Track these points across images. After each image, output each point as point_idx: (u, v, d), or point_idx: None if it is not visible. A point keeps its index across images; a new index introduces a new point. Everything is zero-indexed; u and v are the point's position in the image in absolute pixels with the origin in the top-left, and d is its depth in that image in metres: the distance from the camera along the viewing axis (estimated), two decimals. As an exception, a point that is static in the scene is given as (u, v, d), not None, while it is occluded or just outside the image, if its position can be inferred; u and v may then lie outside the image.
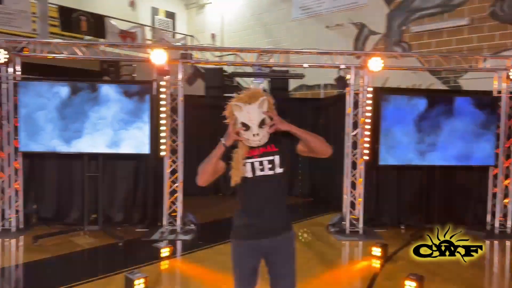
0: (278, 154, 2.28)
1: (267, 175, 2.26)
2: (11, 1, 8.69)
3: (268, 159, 2.27)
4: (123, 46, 7.52)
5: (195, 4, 14.96)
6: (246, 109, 2.14)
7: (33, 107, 5.28)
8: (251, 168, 2.27)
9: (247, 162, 2.27)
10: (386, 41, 10.19)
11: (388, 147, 5.80)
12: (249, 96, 2.19)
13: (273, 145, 2.29)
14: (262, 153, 2.27)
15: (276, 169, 2.27)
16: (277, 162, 2.27)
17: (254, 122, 2.13)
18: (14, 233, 5.48)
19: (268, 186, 2.28)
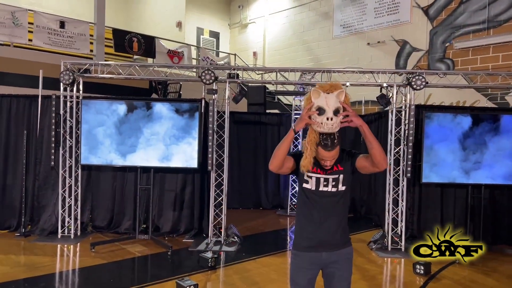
0: (343, 173, 2.36)
1: (330, 191, 2.34)
2: (71, 26, 9.51)
3: (333, 177, 2.35)
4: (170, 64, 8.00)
5: (238, 23, 15.52)
6: (325, 96, 2.19)
7: (93, 123, 5.77)
8: (316, 182, 2.35)
9: (313, 176, 2.35)
10: (429, 57, 10.12)
11: (432, 165, 5.78)
12: (330, 85, 2.23)
13: (339, 165, 2.37)
14: (328, 173, 2.36)
15: (339, 186, 2.35)
16: (340, 180, 2.35)
17: (330, 108, 2.17)
18: (72, 240, 5.94)
19: (329, 201, 2.35)
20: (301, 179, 2.40)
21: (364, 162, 2.32)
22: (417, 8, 10.37)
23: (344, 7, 12.05)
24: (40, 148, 6.24)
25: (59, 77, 5.78)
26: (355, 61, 11.24)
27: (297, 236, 2.44)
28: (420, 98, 9.42)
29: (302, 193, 2.42)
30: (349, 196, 2.45)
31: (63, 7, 12.76)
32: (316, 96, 2.21)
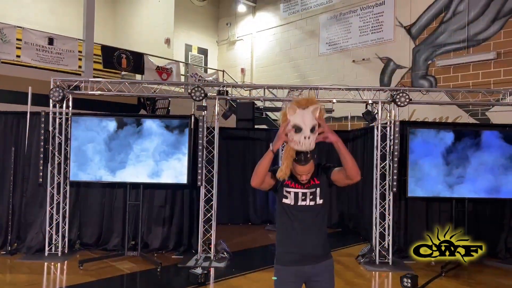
0: (319, 186, 2.46)
1: (308, 206, 2.43)
2: (60, 42, 9.54)
3: (310, 191, 2.44)
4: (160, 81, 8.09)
5: (226, 40, 15.75)
6: (301, 113, 2.22)
7: (83, 140, 5.78)
8: (294, 197, 2.44)
9: (292, 190, 2.45)
10: (412, 74, 10.43)
11: (417, 179, 5.94)
12: (306, 100, 2.28)
13: (315, 179, 2.46)
14: (306, 187, 2.45)
15: (317, 200, 2.44)
16: (318, 193, 2.45)
17: (307, 126, 2.21)
18: (60, 257, 5.87)
19: (309, 215, 2.44)
20: (280, 195, 2.48)
21: (338, 174, 2.42)
22: (400, 27, 10.73)
23: (329, 26, 12.38)
24: (28, 164, 6.20)
25: (49, 94, 5.79)
26: (340, 78, 11.49)
27: (280, 251, 2.50)
28: (404, 114, 9.66)
29: (281, 209, 2.50)
30: (327, 209, 2.56)
31: (51, 23, 12.77)
32: (292, 113, 2.24)
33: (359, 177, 2.37)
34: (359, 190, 7.90)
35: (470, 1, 9.46)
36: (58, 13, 13.67)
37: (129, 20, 15.39)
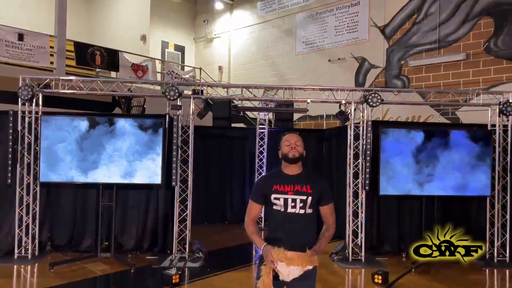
0: (312, 196, 2.49)
1: (297, 214, 2.47)
2: (30, 38, 9.27)
3: (301, 198, 2.47)
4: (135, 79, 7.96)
5: (203, 38, 15.65)
6: (289, 269, 2.32)
7: (53, 139, 5.64)
8: (284, 203, 2.48)
9: (281, 197, 2.49)
10: (386, 74, 10.64)
11: (388, 178, 6.07)
12: (298, 259, 2.34)
13: (309, 186, 2.50)
14: (296, 191, 2.49)
15: (306, 209, 2.48)
16: (309, 203, 2.48)
17: (289, 277, 2.34)
18: (30, 260, 5.72)
19: (297, 223, 2.47)
20: (269, 203, 2.56)
21: (322, 212, 2.58)
22: (374, 28, 10.92)
23: (306, 25, 12.47)
24: (-5, 165, 6.01)
25: (17, 92, 5.63)
26: (317, 77, 11.62)
27: None
28: (378, 113, 9.86)
29: (271, 213, 2.56)
30: (315, 218, 2.57)
31: (22, 19, 12.38)
32: (281, 265, 2.31)
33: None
34: (334, 188, 8.02)
35: (441, 3, 9.72)
36: (29, 7, 13.26)
37: (104, 16, 15.08)
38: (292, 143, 2.52)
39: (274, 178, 2.61)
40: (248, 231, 2.58)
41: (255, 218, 2.66)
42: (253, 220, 2.64)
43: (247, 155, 9.02)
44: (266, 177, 2.74)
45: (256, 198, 2.61)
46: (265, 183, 2.60)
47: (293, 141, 2.53)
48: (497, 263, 6.02)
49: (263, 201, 2.58)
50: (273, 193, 2.52)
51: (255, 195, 2.62)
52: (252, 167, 8.70)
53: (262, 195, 2.57)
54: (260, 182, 2.69)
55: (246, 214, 2.65)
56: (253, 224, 2.62)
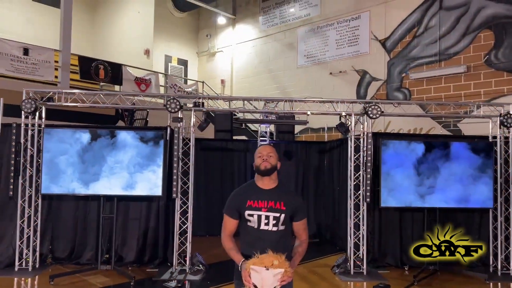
0: (285, 213, 2.46)
1: (270, 231, 2.45)
2: (36, 52, 9.43)
3: (274, 215, 2.45)
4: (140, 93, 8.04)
5: (206, 52, 15.82)
6: (262, 276, 2.25)
7: (55, 152, 5.69)
8: (257, 220, 2.46)
9: (255, 213, 2.46)
10: (387, 87, 10.68)
11: (389, 190, 6.05)
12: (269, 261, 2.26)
13: (282, 203, 2.47)
14: (269, 207, 2.46)
15: (279, 226, 2.46)
16: (281, 220, 2.45)
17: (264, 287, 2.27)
18: (30, 272, 5.71)
19: (270, 240, 2.43)
20: (243, 219, 2.52)
21: (295, 228, 2.55)
22: (375, 41, 11.01)
23: (307, 39, 12.60)
24: (-3, 177, 6.05)
25: (21, 105, 5.70)
26: (318, 90, 11.67)
27: (238, 268, 2.47)
28: (380, 125, 9.88)
29: (244, 229, 2.53)
30: (289, 234, 2.55)
31: (28, 33, 12.61)
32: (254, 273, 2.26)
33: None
34: (335, 200, 8.00)
35: (441, 16, 9.81)
36: (35, 23, 13.51)
37: (108, 31, 15.32)
38: (264, 155, 2.50)
39: (248, 192, 2.57)
40: (226, 247, 2.55)
41: (232, 234, 2.60)
42: (230, 236, 2.58)
43: (249, 168, 9.02)
44: (240, 191, 2.65)
45: (231, 213, 2.57)
46: (239, 198, 2.56)
47: (265, 152, 2.51)
48: (501, 276, 5.94)
49: (237, 216, 2.54)
50: (247, 209, 2.49)
51: (230, 209, 2.57)
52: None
53: (237, 210, 2.53)
54: (234, 196, 2.62)
55: (222, 230, 2.61)
56: (230, 239, 2.56)
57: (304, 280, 5.71)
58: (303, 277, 5.81)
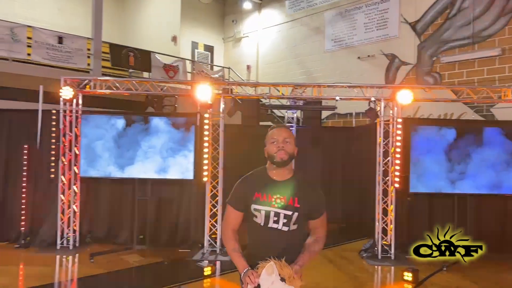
0: (298, 211, 2.07)
1: (279, 230, 2.07)
2: (69, 41, 9.74)
3: (285, 213, 2.06)
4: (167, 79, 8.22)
5: (232, 37, 15.84)
6: (273, 279, 1.94)
7: (92, 137, 5.96)
8: (265, 216, 2.07)
9: (262, 209, 2.07)
10: (417, 71, 10.46)
11: (419, 175, 6.03)
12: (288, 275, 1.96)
13: (296, 200, 2.07)
14: (280, 203, 2.07)
15: (291, 225, 2.07)
16: (294, 219, 2.06)
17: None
18: (71, 251, 6.07)
19: (278, 241, 2.07)
20: (249, 214, 2.16)
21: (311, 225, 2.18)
22: (404, 24, 10.75)
23: (335, 22, 12.42)
24: (40, 161, 6.39)
25: (59, 92, 5.97)
26: (346, 74, 11.56)
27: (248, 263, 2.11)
28: (409, 111, 9.71)
29: (251, 226, 2.16)
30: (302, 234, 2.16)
31: (60, 22, 12.97)
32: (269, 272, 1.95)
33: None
34: (362, 186, 8.01)
35: (475, -3, 9.46)
36: (66, 12, 13.87)
37: (136, 18, 15.55)
38: (280, 141, 2.08)
39: (257, 182, 2.17)
40: (227, 246, 2.14)
41: (235, 229, 2.20)
42: (234, 232, 2.18)
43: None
44: (248, 179, 2.23)
45: (236, 204, 2.18)
46: (246, 188, 2.17)
47: (281, 138, 2.08)
48: (534, 263, 5.86)
49: (243, 208, 2.16)
50: (253, 202, 2.10)
51: (235, 200, 2.19)
52: (280, 165, 8.78)
53: (243, 201, 2.15)
54: (240, 185, 2.22)
55: (223, 222, 2.24)
56: (233, 237, 2.15)
57: (332, 263, 5.81)
58: (331, 261, 5.92)
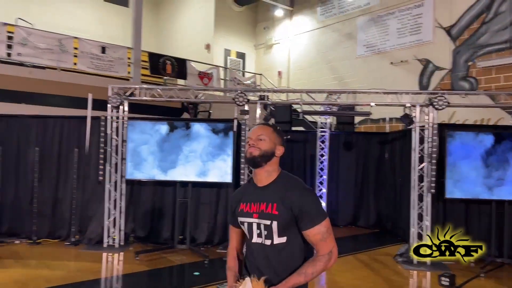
0: (277, 219, 1.75)
1: (263, 245, 1.80)
2: (111, 50, 10.29)
3: (264, 223, 1.78)
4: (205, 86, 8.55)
5: (263, 44, 16.14)
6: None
7: (138, 142, 6.33)
8: (248, 230, 1.85)
9: (245, 221, 1.85)
10: (452, 76, 10.36)
11: (455, 181, 6.03)
12: None
13: (275, 205, 1.76)
14: (261, 212, 1.80)
15: (274, 238, 1.76)
16: (275, 229, 1.75)
17: None
18: (117, 249, 6.44)
19: (264, 257, 1.80)
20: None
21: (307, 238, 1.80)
22: (439, 28, 10.67)
23: (367, 28, 12.47)
24: (88, 164, 6.84)
25: (108, 100, 6.38)
26: (378, 80, 11.56)
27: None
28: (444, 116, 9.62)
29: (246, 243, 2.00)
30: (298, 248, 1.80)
31: (100, 32, 13.65)
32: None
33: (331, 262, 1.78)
34: (397, 191, 8.04)
35: (513, 0, 9.31)
36: (106, 22, 14.59)
37: (172, 27, 16.13)
38: (253, 139, 1.83)
39: (243, 191, 1.97)
40: (227, 265, 2.02)
41: (237, 247, 2.02)
42: (234, 250, 2.02)
43: (308, 158, 9.27)
44: (237, 190, 2.07)
45: (231, 220, 2.00)
46: (234, 200, 1.98)
47: (255, 136, 1.83)
48: None
49: (238, 223, 1.93)
50: (239, 214, 1.89)
51: (231, 215, 2.00)
52: (312, 170, 8.94)
53: (235, 215, 1.95)
54: (232, 198, 2.04)
55: None
56: (232, 256, 2.01)
57: (366, 267, 5.90)
58: (365, 264, 6.01)
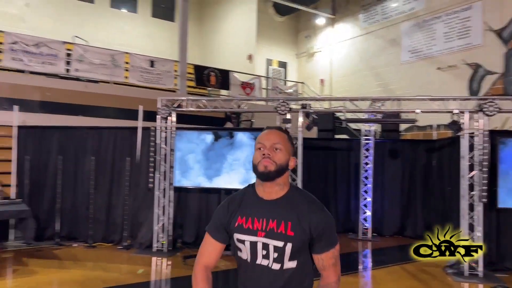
0: (292, 241, 1.52)
1: (270, 269, 1.55)
2: (159, 64, 10.80)
3: (275, 245, 1.53)
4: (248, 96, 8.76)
5: (305, 53, 16.21)
6: None
7: (185, 150, 6.61)
8: (251, 250, 1.57)
9: (246, 239, 1.58)
10: (504, 80, 9.89)
11: (508, 190, 5.77)
12: None
13: (290, 225, 1.53)
14: (269, 231, 1.55)
15: (285, 262, 1.54)
16: (287, 252, 1.53)
17: None
18: (165, 253, 6.72)
19: (270, 283, 1.56)
20: (233, 246, 1.69)
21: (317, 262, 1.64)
22: (489, 31, 10.25)
23: (412, 33, 12.20)
24: (139, 172, 7.21)
25: (157, 111, 6.73)
26: (424, 86, 11.25)
27: None
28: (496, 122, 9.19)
29: (237, 261, 1.70)
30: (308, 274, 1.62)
31: (148, 47, 14.36)
32: None
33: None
34: (446, 200, 7.76)
35: None
36: (154, 37, 15.32)
37: (215, 38, 16.62)
38: (267, 147, 1.57)
39: (242, 202, 1.66)
40: (193, 285, 1.64)
41: (211, 265, 1.71)
42: (206, 269, 1.69)
43: (352, 166, 9.18)
44: (232, 199, 1.73)
45: (215, 232, 1.68)
46: (228, 210, 1.66)
47: (269, 143, 1.57)
48: None
49: (224, 237, 1.67)
50: (236, 230, 1.61)
51: (215, 226, 1.69)
52: (356, 179, 8.83)
53: (224, 228, 1.66)
54: (222, 207, 1.71)
55: (197, 254, 1.73)
56: (202, 277, 1.66)
57: (414, 278, 5.75)
58: (413, 275, 5.85)
